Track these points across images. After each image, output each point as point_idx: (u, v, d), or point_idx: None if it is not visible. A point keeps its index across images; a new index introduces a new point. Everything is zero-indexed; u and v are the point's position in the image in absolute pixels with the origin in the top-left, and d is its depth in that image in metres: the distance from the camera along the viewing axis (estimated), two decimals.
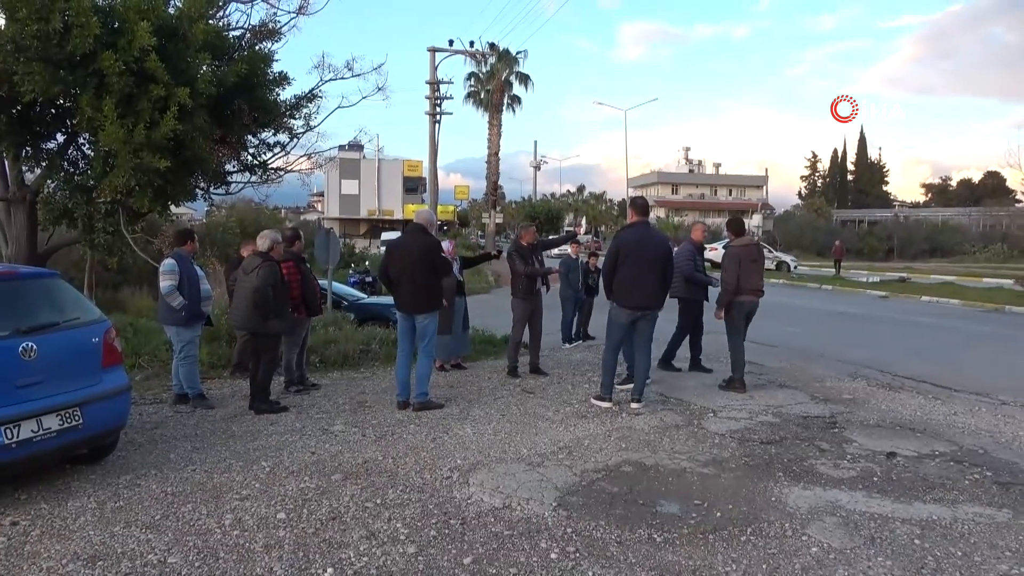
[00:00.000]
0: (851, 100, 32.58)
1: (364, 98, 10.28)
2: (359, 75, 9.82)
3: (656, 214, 61.94)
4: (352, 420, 5.39)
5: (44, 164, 7.81)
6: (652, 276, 5.49)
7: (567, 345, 9.08)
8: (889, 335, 10.89)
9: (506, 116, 39.34)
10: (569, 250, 9.00)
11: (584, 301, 9.41)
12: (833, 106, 32.60)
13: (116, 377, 4.22)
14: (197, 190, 8.68)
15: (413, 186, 52.36)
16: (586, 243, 7.83)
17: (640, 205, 5.77)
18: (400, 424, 5.26)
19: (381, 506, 3.69)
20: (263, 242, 5.73)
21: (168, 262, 5.78)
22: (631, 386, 5.80)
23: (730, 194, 73.09)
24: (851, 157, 68.62)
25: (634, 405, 5.64)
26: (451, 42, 25.00)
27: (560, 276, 9.18)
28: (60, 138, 7.82)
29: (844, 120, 33.67)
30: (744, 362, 6.35)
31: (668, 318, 7.06)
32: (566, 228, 63.48)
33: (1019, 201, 48.37)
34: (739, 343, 6.29)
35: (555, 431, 5.06)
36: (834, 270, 29.62)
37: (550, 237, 8.59)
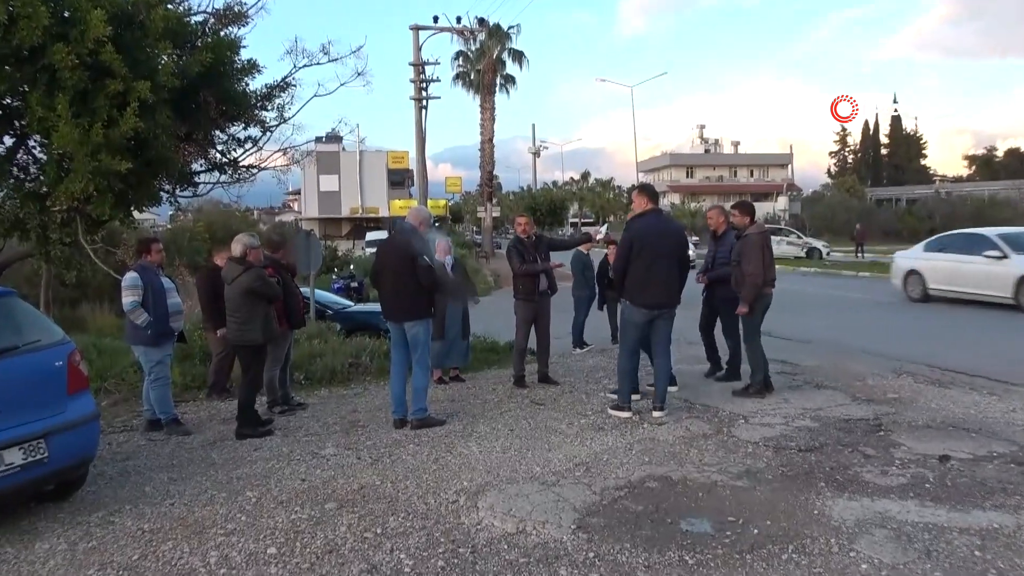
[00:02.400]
0: (851, 100, 32.35)
1: (342, 85, 10.29)
2: (336, 60, 9.84)
3: (670, 200, 62.16)
4: (344, 442, 5.41)
5: None
6: (669, 270, 5.51)
7: (578, 350, 9.09)
8: (936, 325, 10.90)
9: (499, 98, 39.25)
10: (581, 248, 9.01)
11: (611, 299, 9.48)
12: (833, 106, 32.54)
13: (83, 404, 4.24)
14: (162, 193, 8.70)
15: (399, 179, 52.39)
16: (604, 236, 7.77)
17: (649, 191, 5.79)
18: (398, 444, 5.28)
19: (382, 536, 3.71)
20: (237, 247, 5.76)
21: (130, 275, 5.80)
22: (636, 396, 5.82)
23: (751, 175, 73.10)
24: (884, 129, 68.74)
25: (656, 414, 5.66)
26: (436, 19, 25.08)
27: (575, 274, 9.19)
28: (8, 141, 7.84)
29: (844, 120, 33.61)
30: (766, 361, 6.36)
31: (689, 316, 7.08)
32: (570, 220, 63.70)
33: None
34: (758, 340, 6.32)
35: (570, 446, 5.08)
36: (857, 255, 29.74)
37: (563, 237, 8.53)
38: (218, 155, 9.01)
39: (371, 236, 37.64)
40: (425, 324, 5.69)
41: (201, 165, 9.13)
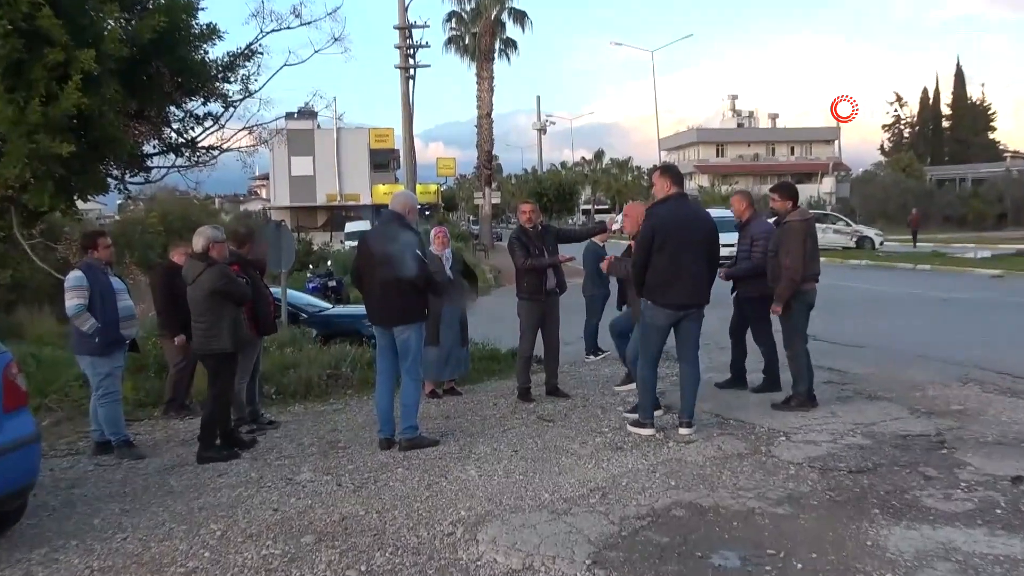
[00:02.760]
0: (851, 100, 34.11)
1: (317, 52, 10.33)
2: (309, 23, 9.87)
3: (697, 182, 62.19)
4: (323, 466, 5.42)
5: None
6: (696, 264, 5.52)
7: (592, 357, 9.10)
8: (1007, 326, 10.88)
9: (499, 66, 39.44)
10: (596, 239, 9.01)
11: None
12: (833, 107, 34.18)
13: (21, 424, 4.25)
14: (109, 179, 8.73)
15: (383, 161, 52.45)
16: (620, 226, 7.76)
17: (673, 173, 5.79)
18: (385, 468, 5.29)
19: (367, 574, 3.72)
20: (198, 241, 5.77)
21: (74, 275, 5.81)
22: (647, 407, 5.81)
23: (792, 153, 73.08)
24: (945, 98, 68.47)
25: (683, 431, 5.67)
26: None
27: (586, 270, 9.18)
28: None
29: (844, 120, 35.10)
30: (808, 370, 6.36)
31: (721, 316, 7.08)
32: (581, 207, 63.62)
33: None
34: (802, 345, 6.32)
35: (584, 468, 5.08)
36: (911, 243, 29.75)
37: (574, 227, 8.50)
38: (174, 135, 9.05)
39: (351, 227, 37.70)
40: (418, 329, 5.70)
41: (154, 147, 9.17)
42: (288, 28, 9.52)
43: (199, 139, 9.27)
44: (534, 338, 7.08)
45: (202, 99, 8.95)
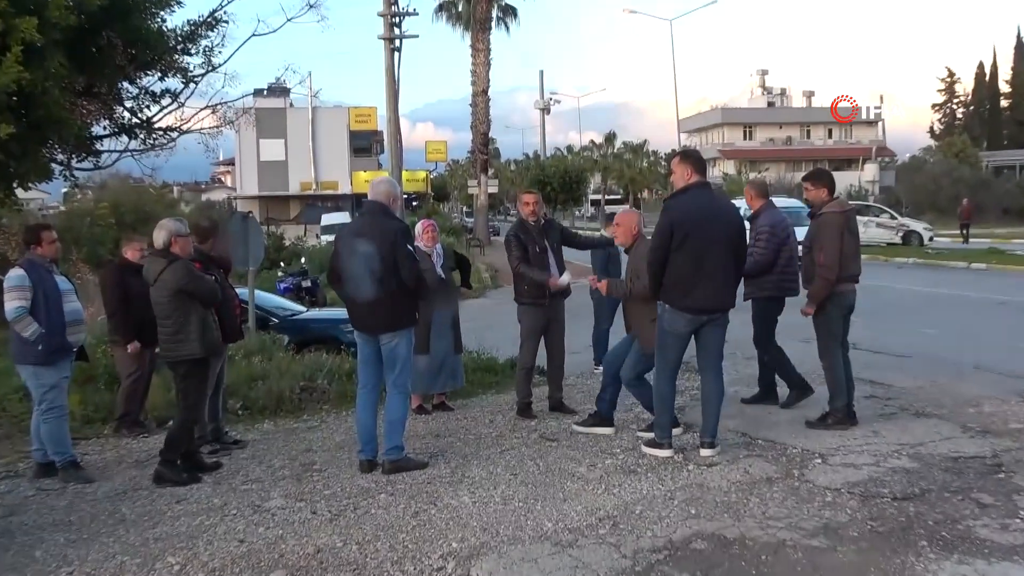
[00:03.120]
0: (851, 100, 36.00)
1: (290, 20, 10.38)
2: None
3: (721, 169, 62.29)
4: (295, 491, 5.42)
5: None
6: (723, 263, 5.53)
7: (601, 369, 9.09)
8: None
9: (496, 37, 39.51)
10: (605, 231, 9.00)
11: None
12: (833, 107, 35.99)
13: None
14: (54, 165, 8.74)
15: (365, 144, 52.51)
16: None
17: (694, 159, 5.80)
18: (366, 494, 5.29)
19: None
20: (159, 235, 5.79)
21: (15, 274, 5.82)
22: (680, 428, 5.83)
23: (829, 136, 73.21)
24: (1004, 74, 68.47)
25: (705, 452, 5.69)
26: None
27: (595, 269, 9.17)
28: None
29: (844, 120, 36.67)
30: (848, 383, 6.37)
31: (746, 320, 7.09)
32: (590, 197, 63.62)
33: None
34: (839, 354, 6.32)
35: (592, 495, 5.09)
36: (962, 239, 29.76)
37: (577, 233, 8.37)
38: (127, 114, 9.06)
39: (329, 219, 37.67)
40: (407, 336, 5.71)
41: (105, 128, 9.18)
42: None
43: (155, 119, 9.29)
44: (536, 347, 7.09)
45: (159, 74, 8.96)
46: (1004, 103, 68.41)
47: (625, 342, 6.47)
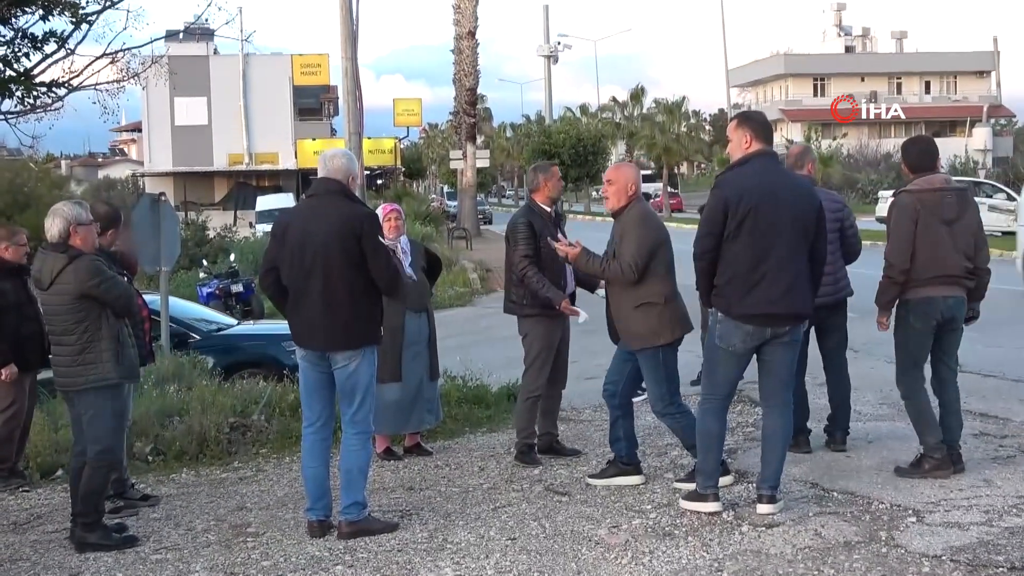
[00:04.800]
0: (851, 99, 37.07)
1: None
2: None
3: (785, 134, 62.32)
4: (224, 562, 5.41)
5: None
6: (794, 256, 5.49)
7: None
8: None
9: None
10: None
11: None
12: (833, 107, 37.19)
13: None
14: None
15: (313, 103, 52.42)
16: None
17: (756, 122, 5.77)
18: (317, 565, 5.28)
19: None
20: (54, 225, 5.76)
21: None
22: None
23: (927, 91, 73.34)
24: None
25: (764, 508, 5.63)
26: None
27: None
28: None
29: (844, 120, 37.82)
30: (952, 417, 6.36)
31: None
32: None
33: None
34: (919, 380, 6.35)
35: (615, 566, 5.07)
36: None
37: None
38: None
39: (266, 203, 37.61)
40: (369, 357, 5.70)
41: None
42: None
43: (36, 71, 9.29)
44: (549, 369, 7.07)
45: (40, 11, 8.96)
46: None
47: (620, 357, 6.45)
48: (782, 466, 5.77)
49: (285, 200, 35.93)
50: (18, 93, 9.48)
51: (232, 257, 22.07)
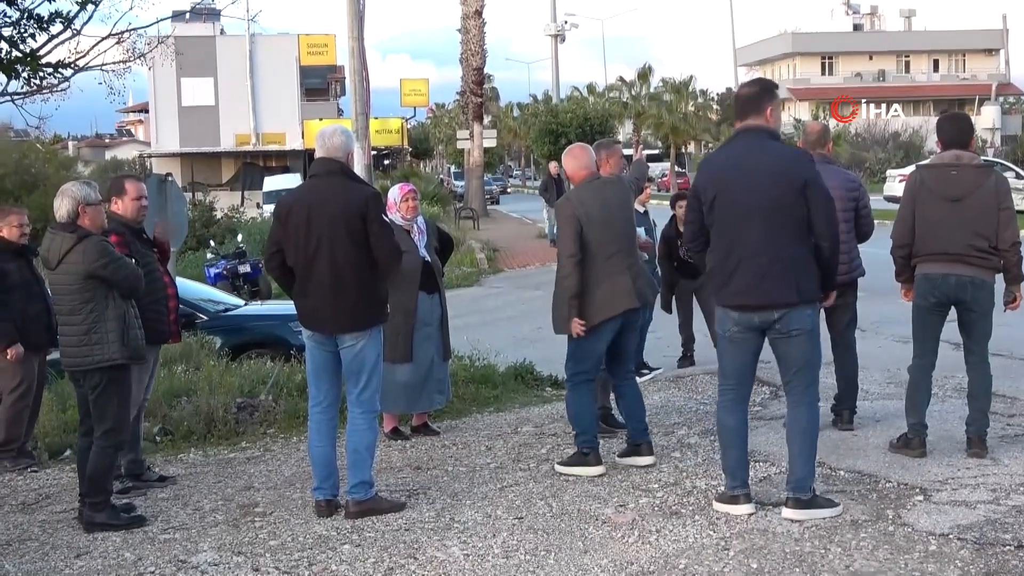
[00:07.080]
0: (851, 100, 37.59)
1: None
2: None
3: (793, 114, 62.08)
4: (231, 541, 5.44)
5: None
6: (765, 239, 5.22)
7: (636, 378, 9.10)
8: None
9: None
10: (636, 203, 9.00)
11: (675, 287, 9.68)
12: (834, 107, 38.00)
13: None
14: None
15: (320, 84, 52.27)
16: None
17: (740, 96, 5.63)
18: (324, 544, 5.30)
19: None
20: (62, 204, 5.78)
21: None
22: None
23: (935, 69, 72.88)
24: None
25: (786, 513, 5.33)
26: None
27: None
28: None
29: (844, 120, 38.59)
30: (984, 398, 6.35)
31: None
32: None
33: None
34: (920, 357, 6.37)
35: (622, 545, 5.09)
36: None
37: None
38: (4, 46, 9.04)
39: (273, 183, 37.62)
40: (375, 337, 5.73)
41: None
42: None
43: (43, 52, 9.26)
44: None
45: None
46: None
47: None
48: (809, 466, 5.39)
49: (292, 180, 35.96)
50: (24, 74, 9.46)
51: (239, 237, 22.10)
